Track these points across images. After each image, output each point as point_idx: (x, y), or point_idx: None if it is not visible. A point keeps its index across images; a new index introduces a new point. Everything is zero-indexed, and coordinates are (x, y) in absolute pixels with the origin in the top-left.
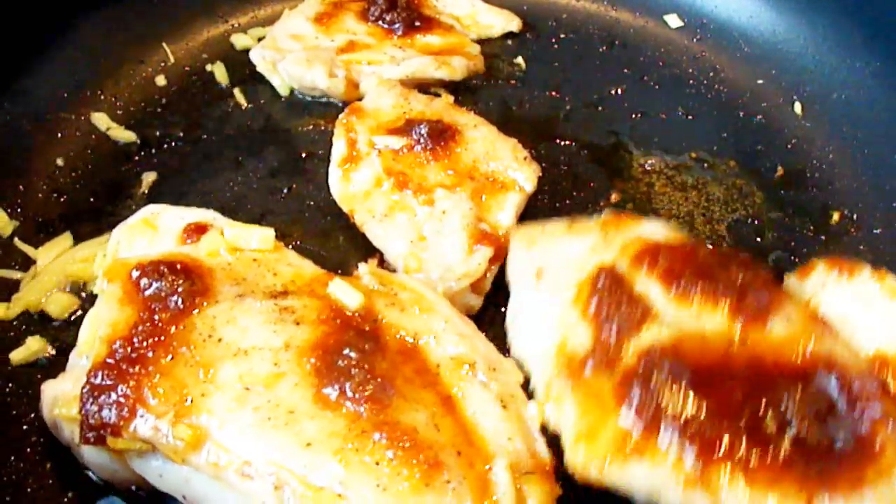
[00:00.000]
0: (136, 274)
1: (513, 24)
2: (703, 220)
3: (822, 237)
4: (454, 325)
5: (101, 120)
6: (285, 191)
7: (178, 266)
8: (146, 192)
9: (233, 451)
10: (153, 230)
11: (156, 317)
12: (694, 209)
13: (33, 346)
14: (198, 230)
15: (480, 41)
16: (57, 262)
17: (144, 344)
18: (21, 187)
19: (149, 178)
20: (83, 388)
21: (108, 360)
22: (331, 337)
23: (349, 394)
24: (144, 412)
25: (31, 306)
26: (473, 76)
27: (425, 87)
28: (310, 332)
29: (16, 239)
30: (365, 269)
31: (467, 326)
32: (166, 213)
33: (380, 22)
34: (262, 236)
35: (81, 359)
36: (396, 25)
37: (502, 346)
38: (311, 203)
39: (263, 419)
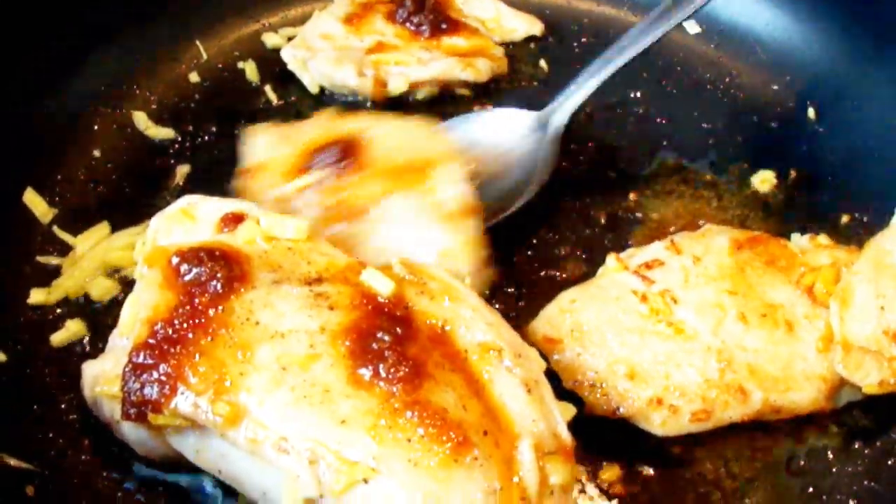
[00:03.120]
0: (176, 260)
1: (535, 28)
2: (716, 219)
3: (833, 238)
4: (481, 314)
5: (140, 119)
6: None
7: (217, 253)
8: (180, 183)
9: (270, 427)
10: (191, 220)
11: (196, 300)
12: (708, 209)
13: (73, 328)
14: (235, 220)
15: (504, 44)
16: (96, 249)
17: (185, 326)
18: (60, 177)
19: (183, 170)
20: (125, 366)
21: (150, 341)
22: (364, 321)
23: (382, 374)
24: (185, 390)
25: (70, 292)
26: (497, 77)
27: (451, 88)
28: (344, 317)
29: (55, 227)
30: (396, 259)
31: (494, 315)
32: (204, 204)
33: (407, 24)
34: (297, 226)
35: (122, 340)
36: (423, 27)
37: (524, 336)
38: None
39: (300, 397)
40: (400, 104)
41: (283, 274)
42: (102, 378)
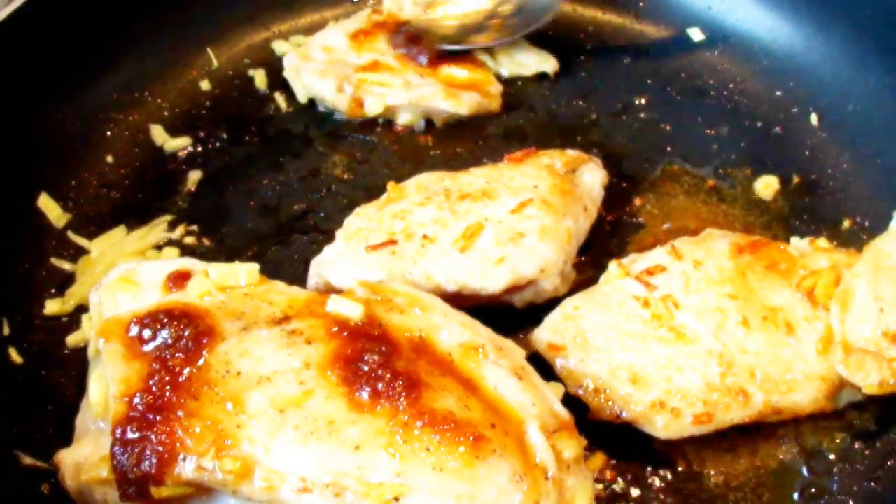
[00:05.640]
0: (135, 328)
1: (547, 65)
2: (720, 224)
3: (834, 242)
4: (454, 317)
5: (157, 133)
6: (325, 190)
7: (177, 312)
8: (192, 189)
9: (284, 470)
10: (133, 286)
11: (169, 363)
12: (712, 214)
13: (89, 327)
14: (181, 277)
15: (512, 79)
16: (107, 254)
17: (164, 391)
18: (73, 183)
19: (194, 176)
20: (113, 446)
21: (132, 414)
22: (345, 347)
23: (382, 393)
24: (185, 455)
25: (84, 299)
26: (486, 115)
27: (436, 117)
28: (324, 348)
29: (69, 231)
30: (355, 283)
31: (464, 316)
32: (143, 268)
33: (402, 50)
34: (248, 271)
35: (96, 422)
36: (421, 58)
37: (528, 344)
38: (348, 201)
39: (306, 434)
40: (377, 125)
41: (248, 320)
42: (86, 465)
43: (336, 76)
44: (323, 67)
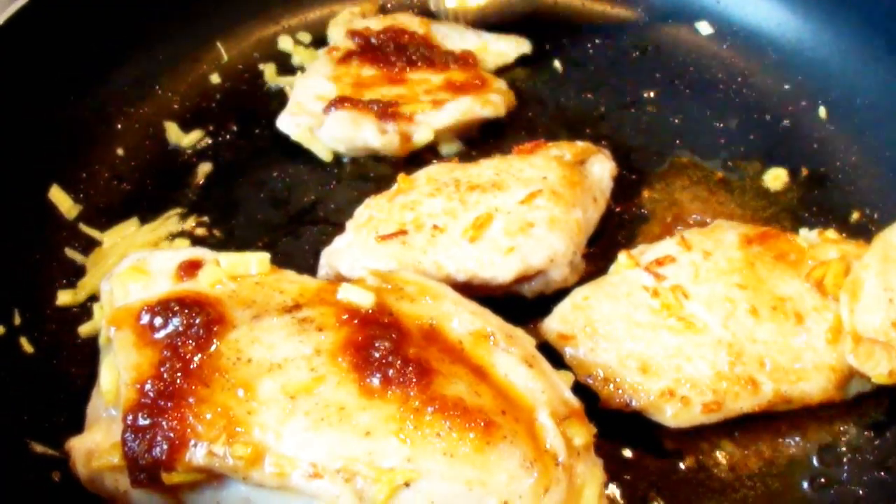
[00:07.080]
0: (146, 316)
1: (524, 47)
2: (729, 216)
3: (843, 234)
4: (464, 305)
5: (172, 131)
6: (334, 182)
7: (188, 300)
8: (202, 181)
9: (295, 456)
10: (145, 275)
11: (180, 351)
12: (721, 207)
13: (100, 317)
14: (193, 266)
15: (500, 69)
16: (119, 246)
17: (175, 378)
18: (84, 175)
19: (204, 168)
20: (124, 433)
21: (143, 401)
22: (356, 335)
23: (393, 379)
24: (196, 441)
25: (96, 291)
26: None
27: (470, 131)
28: (335, 335)
29: (81, 223)
30: (366, 272)
31: (475, 305)
32: (154, 257)
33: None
34: (259, 260)
35: (108, 409)
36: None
37: (537, 333)
38: (357, 193)
39: (317, 420)
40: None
41: (259, 308)
42: (97, 452)
43: (369, 118)
44: (351, 114)
